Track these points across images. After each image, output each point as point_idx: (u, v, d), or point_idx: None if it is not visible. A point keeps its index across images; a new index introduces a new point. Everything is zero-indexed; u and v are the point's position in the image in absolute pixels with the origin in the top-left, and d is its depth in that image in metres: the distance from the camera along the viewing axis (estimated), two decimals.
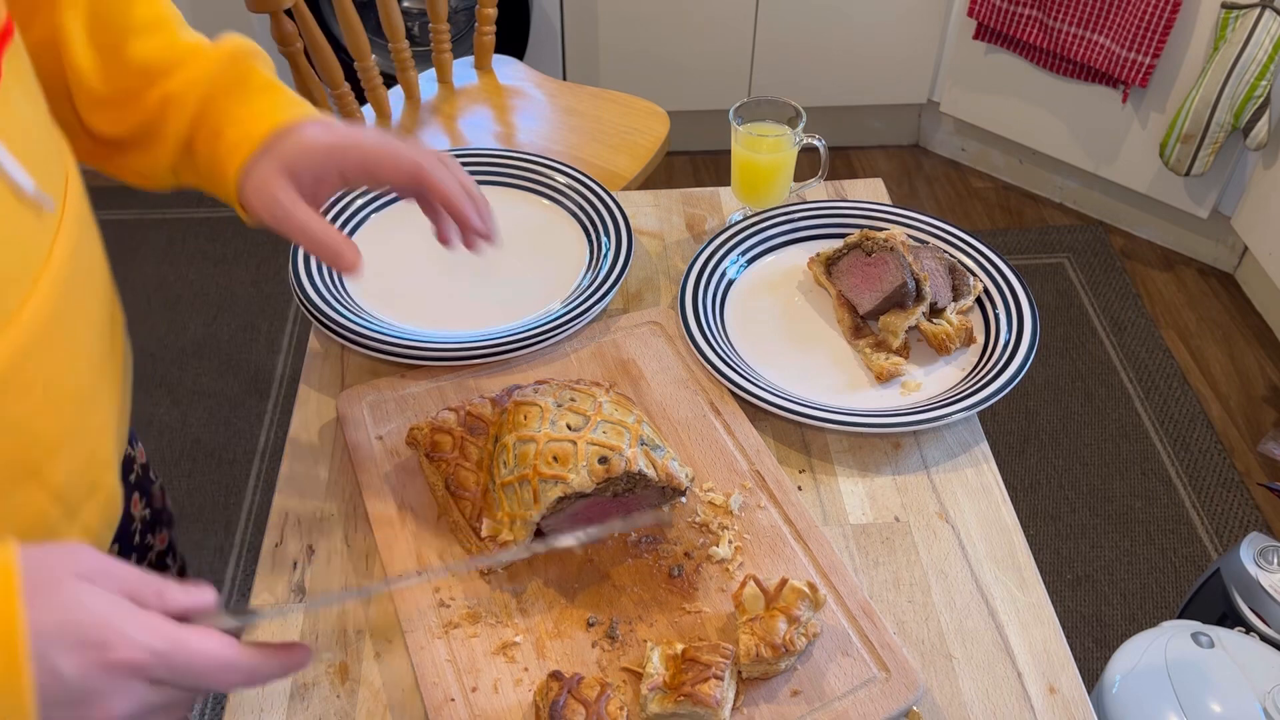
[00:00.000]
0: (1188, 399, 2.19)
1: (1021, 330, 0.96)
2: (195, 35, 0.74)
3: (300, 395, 0.93)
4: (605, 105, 1.80)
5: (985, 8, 2.42)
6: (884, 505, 0.84)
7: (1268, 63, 2.05)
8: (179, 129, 0.71)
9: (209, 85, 0.71)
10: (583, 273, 1.03)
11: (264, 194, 0.69)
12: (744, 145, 1.07)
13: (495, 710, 0.69)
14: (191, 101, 0.70)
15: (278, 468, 0.88)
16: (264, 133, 0.69)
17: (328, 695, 0.72)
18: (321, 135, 0.70)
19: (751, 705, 0.70)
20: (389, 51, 1.77)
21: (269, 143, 0.69)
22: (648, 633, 0.74)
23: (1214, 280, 2.49)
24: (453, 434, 0.82)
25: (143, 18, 0.71)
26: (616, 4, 2.51)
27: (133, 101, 0.71)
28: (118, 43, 0.70)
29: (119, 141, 0.73)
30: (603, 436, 0.75)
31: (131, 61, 0.71)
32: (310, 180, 0.70)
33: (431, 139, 1.74)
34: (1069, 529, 1.95)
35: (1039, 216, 2.69)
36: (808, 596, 0.71)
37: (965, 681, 0.73)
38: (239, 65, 0.72)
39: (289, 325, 2.32)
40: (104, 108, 0.71)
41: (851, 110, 2.81)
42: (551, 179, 1.13)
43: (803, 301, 1.03)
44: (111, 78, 0.71)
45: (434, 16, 1.78)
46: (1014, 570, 0.80)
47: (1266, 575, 1.43)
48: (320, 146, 0.70)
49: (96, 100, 0.71)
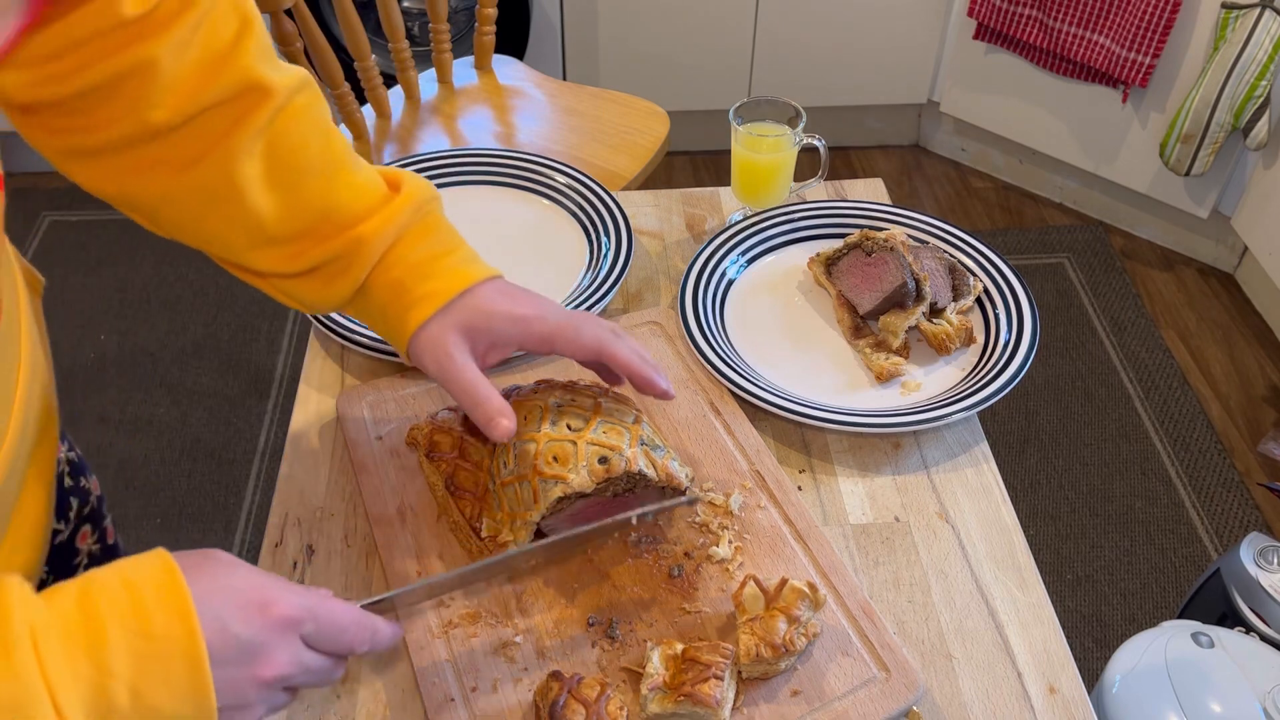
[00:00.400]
0: (1188, 399, 2.19)
1: (1021, 330, 0.96)
2: (367, 171, 0.75)
3: (300, 395, 0.93)
4: (605, 105, 1.80)
5: (985, 8, 2.42)
6: (884, 505, 0.84)
7: (1268, 63, 2.05)
8: (360, 274, 0.73)
9: (396, 238, 0.73)
10: (583, 273, 1.03)
11: (438, 350, 0.72)
12: (744, 145, 1.07)
13: (495, 710, 0.69)
14: (379, 251, 0.73)
15: (278, 468, 0.88)
16: (450, 294, 0.72)
17: (328, 695, 0.72)
18: (504, 303, 0.73)
19: (751, 705, 0.70)
20: (389, 51, 1.77)
21: (452, 301, 0.72)
22: (648, 633, 0.74)
23: (1214, 280, 2.49)
24: (452, 434, 0.82)
25: (319, 159, 0.73)
26: (616, 4, 2.51)
27: (311, 244, 0.73)
28: (295, 184, 0.72)
29: (287, 274, 0.74)
30: (603, 436, 0.75)
31: (310, 204, 0.73)
32: (486, 344, 0.74)
33: (431, 139, 1.74)
34: (1069, 529, 1.95)
35: (1039, 216, 2.69)
36: (808, 596, 0.71)
37: (965, 681, 0.73)
38: (424, 216, 0.75)
39: (289, 325, 2.32)
40: (276, 246, 0.73)
41: (851, 110, 2.81)
42: (551, 179, 1.13)
43: (803, 301, 1.03)
44: (287, 219, 0.72)
45: (434, 16, 1.78)
46: (1014, 570, 0.80)
47: (1266, 575, 1.43)
48: (503, 315, 0.73)
49: (268, 239, 0.73)
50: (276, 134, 0.71)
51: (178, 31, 0.65)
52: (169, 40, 0.65)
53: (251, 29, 0.69)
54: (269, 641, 0.54)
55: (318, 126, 0.73)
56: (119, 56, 0.64)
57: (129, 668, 0.49)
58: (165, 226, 0.74)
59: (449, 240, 0.76)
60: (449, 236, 0.76)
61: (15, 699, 0.45)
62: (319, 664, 0.58)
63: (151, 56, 0.64)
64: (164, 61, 0.65)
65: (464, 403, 0.72)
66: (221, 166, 0.69)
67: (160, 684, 0.49)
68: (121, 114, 0.66)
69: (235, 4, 0.69)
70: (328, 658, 0.59)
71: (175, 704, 0.50)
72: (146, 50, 0.64)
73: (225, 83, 0.68)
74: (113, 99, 0.66)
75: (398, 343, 0.75)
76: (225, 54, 0.68)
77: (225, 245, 0.73)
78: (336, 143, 0.74)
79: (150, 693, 0.49)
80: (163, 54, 0.65)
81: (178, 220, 0.73)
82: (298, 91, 0.72)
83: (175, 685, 0.50)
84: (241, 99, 0.69)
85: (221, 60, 0.68)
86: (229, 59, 0.68)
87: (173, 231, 0.74)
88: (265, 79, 0.69)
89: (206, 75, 0.67)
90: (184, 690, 0.50)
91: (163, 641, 0.50)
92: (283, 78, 0.70)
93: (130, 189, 0.70)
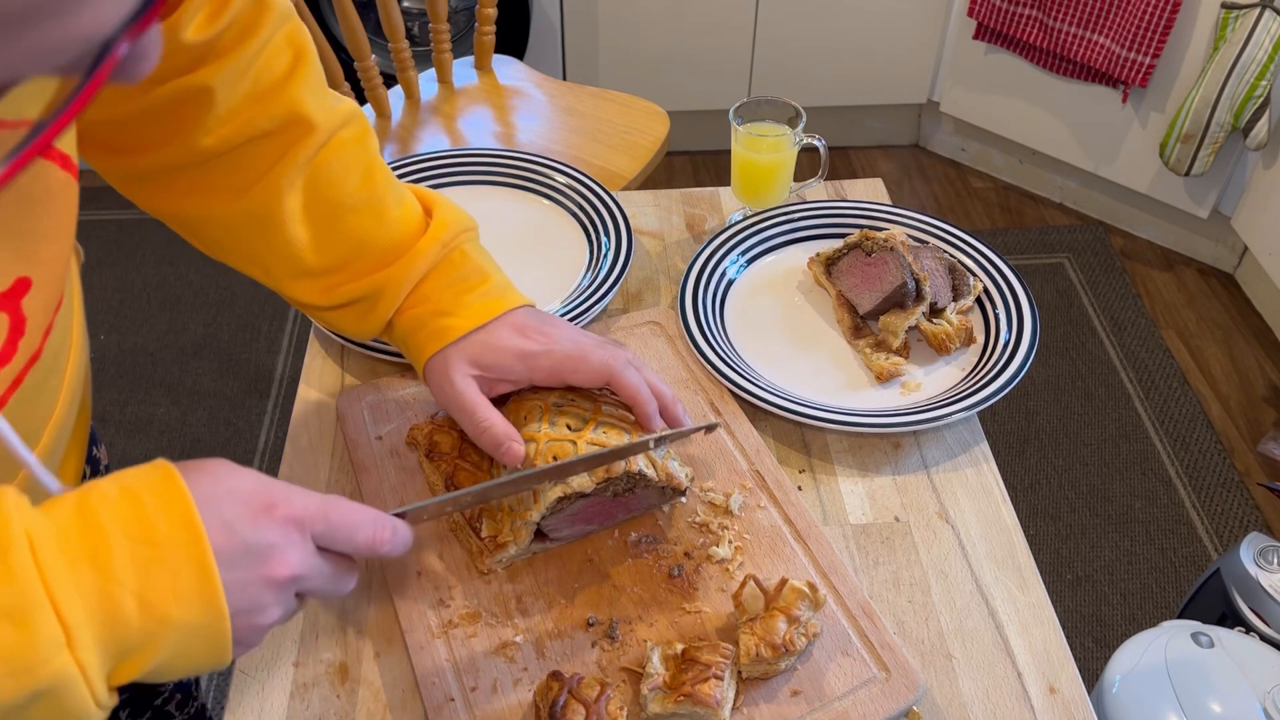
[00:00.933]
0: (1188, 399, 2.19)
1: (1021, 330, 0.96)
2: (405, 204, 0.78)
3: (300, 395, 0.93)
4: (605, 105, 1.80)
5: (985, 8, 2.42)
6: (884, 505, 0.84)
7: (1268, 63, 2.05)
8: (387, 312, 0.77)
9: (421, 276, 0.77)
10: (583, 273, 1.03)
11: (443, 380, 0.75)
12: (744, 145, 1.07)
13: (495, 710, 0.69)
14: (404, 291, 0.77)
15: (278, 468, 0.88)
16: (463, 330, 0.76)
17: (328, 695, 0.72)
18: (514, 340, 0.76)
19: (751, 705, 0.70)
20: (389, 51, 1.77)
21: (464, 338, 0.76)
22: (648, 633, 0.74)
23: (1214, 280, 2.49)
24: (452, 434, 0.82)
25: (356, 194, 0.76)
26: (616, 4, 2.51)
27: (343, 279, 0.77)
28: (332, 219, 0.75)
29: (324, 307, 0.78)
30: (602, 436, 0.75)
31: (345, 238, 0.76)
32: (495, 376, 0.76)
33: (431, 139, 1.74)
34: (1069, 529, 1.95)
35: (1039, 216, 2.69)
36: (808, 596, 0.71)
37: (965, 681, 0.73)
38: (451, 252, 0.78)
39: (289, 325, 2.32)
40: (313, 278, 0.77)
41: (851, 110, 2.81)
42: (551, 179, 1.13)
43: (803, 301, 1.03)
44: (323, 253, 0.76)
45: (434, 16, 1.78)
46: (1014, 570, 0.80)
47: (1266, 575, 1.43)
48: (510, 351, 0.75)
49: (305, 271, 0.76)
50: (317, 169, 0.74)
51: (234, 62, 0.68)
52: (225, 69, 0.68)
53: (304, 63, 0.73)
54: (278, 542, 0.52)
55: (358, 162, 0.76)
56: (178, 82, 0.67)
57: (134, 576, 0.47)
58: (216, 251, 0.78)
59: (474, 275, 0.78)
60: (475, 270, 0.78)
61: (13, 604, 0.44)
62: (330, 567, 0.56)
63: (207, 85, 0.68)
64: (219, 91, 0.68)
65: (467, 428, 0.75)
66: (266, 197, 0.73)
67: (168, 591, 0.48)
68: (172, 136, 0.70)
69: (291, 38, 0.72)
70: (340, 561, 0.57)
71: (185, 611, 0.48)
72: (203, 78, 0.67)
73: (272, 114, 0.71)
74: (166, 121, 0.69)
75: (415, 366, 0.79)
76: (277, 87, 0.71)
77: (269, 274, 0.77)
78: (378, 177, 0.77)
79: (159, 601, 0.47)
80: (218, 83, 0.68)
81: (228, 246, 0.76)
82: (343, 126, 0.75)
83: (184, 592, 0.48)
84: (286, 131, 0.72)
85: (272, 93, 0.71)
86: (279, 91, 0.71)
87: (223, 256, 0.78)
88: (310, 114, 0.72)
89: (256, 106, 0.70)
90: (193, 596, 0.48)
91: (167, 547, 0.48)
92: (328, 113, 0.74)
93: (184, 212, 0.74)
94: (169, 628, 0.48)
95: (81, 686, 0.45)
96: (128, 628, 0.47)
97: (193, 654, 0.49)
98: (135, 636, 0.47)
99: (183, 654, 0.49)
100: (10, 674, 0.43)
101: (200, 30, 0.66)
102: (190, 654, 0.49)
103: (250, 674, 0.73)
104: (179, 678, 0.49)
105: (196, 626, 0.49)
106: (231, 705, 0.71)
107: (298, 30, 0.73)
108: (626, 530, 0.80)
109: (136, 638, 0.47)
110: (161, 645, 0.48)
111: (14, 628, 0.44)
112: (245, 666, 0.73)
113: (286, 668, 0.73)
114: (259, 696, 0.72)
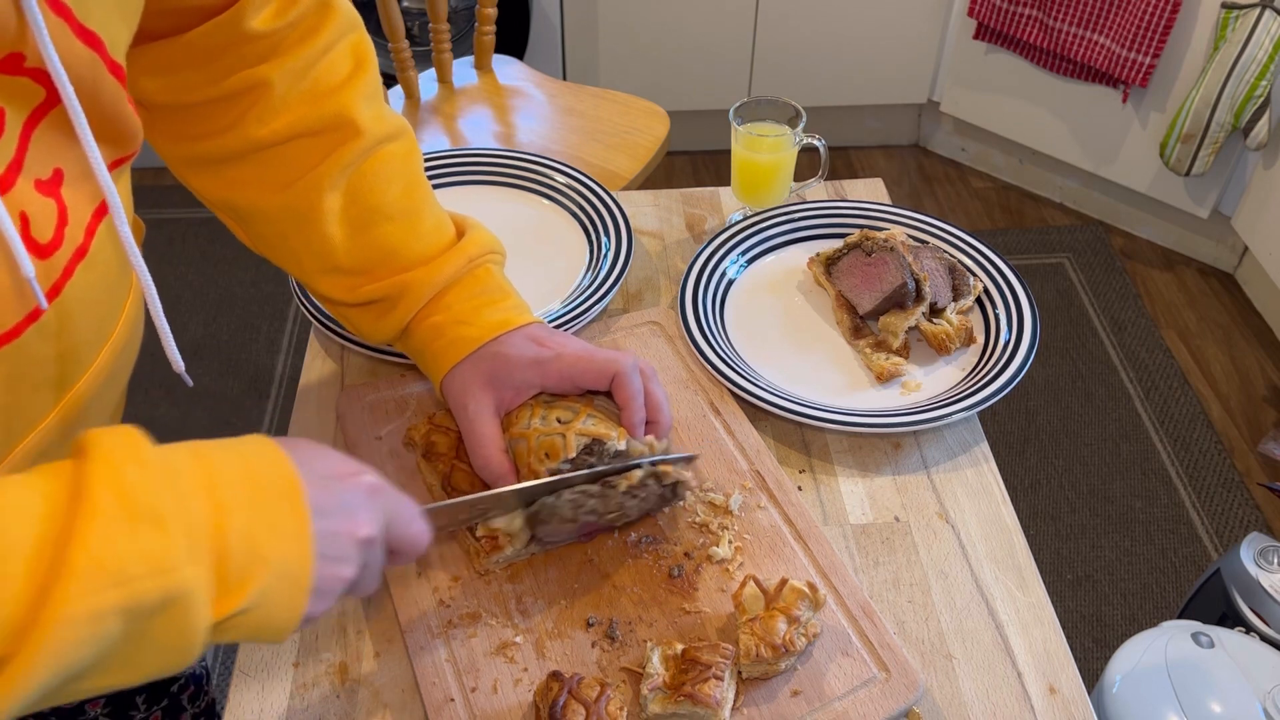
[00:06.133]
0: (1188, 399, 2.19)
1: (1021, 330, 0.96)
2: (439, 221, 0.81)
3: (300, 395, 0.93)
4: (605, 105, 1.80)
5: (985, 8, 2.43)
6: (884, 505, 0.84)
7: (1268, 63, 2.05)
8: (405, 315, 0.79)
9: (444, 286, 0.79)
10: (583, 273, 1.03)
11: (458, 398, 0.77)
12: (744, 145, 1.07)
13: (495, 710, 0.69)
14: (425, 296, 0.79)
15: None
16: (480, 341, 0.77)
17: (328, 695, 0.72)
18: (528, 349, 0.77)
19: (751, 705, 0.70)
20: (389, 51, 1.77)
21: (480, 349, 0.77)
22: (648, 633, 0.74)
23: (1214, 280, 2.49)
24: (449, 435, 0.82)
25: (394, 204, 0.79)
26: (616, 4, 2.51)
27: (368, 279, 0.79)
28: (367, 223, 0.78)
29: (347, 303, 0.80)
30: (591, 426, 0.75)
31: (376, 243, 0.78)
32: (511, 389, 0.78)
33: (431, 139, 1.74)
34: (1069, 529, 1.95)
35: (1039, 216, 2.69)
36: (808, 596, 0.71)
37: (965, 681, 0.73)
38: (476, 268, 0.80)
39: (289, 325, 2.32)
40: (341, 275, 0.79)
41: (851, 110, 2.81)
42: (551, 179, 1.13)
43: (803, 301, 1.03)
44: (354, 253, 0.78)
45: (434, 16, 1.78)
46: (1014, 570, 0.80)
47: (1266, 575, 1.43)
48: (524, 361, 0.77)
49: (333, 267, 0.79)
50: (360, 174, 0.77)
51: (295, 61, 0.73)
52: (286, 66, 0.73)
53: (363, 71, 0.77)
54: (364, 503, 0.56)
55: (401, 175, 0.79)
56: (243, 74, 0.72)
57: (241, 511, 0.49)
58: (256, 242, 0.80)
59: (495, 292, 0.80)
60: (497, 289, 0.80)
61: (154, 506, 0.45)
62: (380, 558, 0.59)
63: (268, 78, 0.72)
64: (278, 84, 0.73)
65: (472, 455, 0.77)
66: (308, 193, 0.76)
67: (267, 528, 0.49)
68: (231, 126, 0.74)
69: (354, 47, 0.77)
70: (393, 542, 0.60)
71: (279, 548, 0.50)
72: (265, 71, 0.72)
73: (323, 114, 0.75)
74: (229, 111, 0.74)
75: (432, 380, 0.81)
76: (334, 90, 0.75)
77: (300, 267, 0.80)
78: (418, 193, 0.80)
79: (259, 536, 0.49)
80: (278, 77, 0.73)
81: (267, 237, 0.79)
82: (391, 139, 0.78)
83: (281, 530, 0.50)
84: (333, 132, 0.75)
85: (328, 95, 0.75)
86: (335, 94, 0.75)
87: (261, 247, 0.81)
88: (358, 119, 0.76)
89: (310, 104, 0.74)
90: (287, 534, 0.50)
91: (268, 489, 0.50)
92: (377, 122, 0.77)
93: (234, 200, 0.78)
94: (263, 566, 0.49)
95: (205, 601, 0.47)
96: (231, 561, 0.48)
97: (272, 604, 0.50)
98: (234, 572, 0.48)
99: (263, 602, 0.50)
100: (152, 572, 0.44)
101: (267, 22, 0.71)
102: (270, 604, 0.50)
103: (250, 674, 0.73)
104: (245, 638, 0.51)
105: (286, 567, 0.50)
106: (231, 705, 0.71)
107: (362, 40, 0.78)
108: (626, 530, 0.80)
109: (235, 574, 0.48)
110: (251, 587, 0.49)
111: (156, 530, 0.45)
112: (245, 666, 0.73)
113: (286, 668, 0.73)
114: (259, 696, 0.72)
